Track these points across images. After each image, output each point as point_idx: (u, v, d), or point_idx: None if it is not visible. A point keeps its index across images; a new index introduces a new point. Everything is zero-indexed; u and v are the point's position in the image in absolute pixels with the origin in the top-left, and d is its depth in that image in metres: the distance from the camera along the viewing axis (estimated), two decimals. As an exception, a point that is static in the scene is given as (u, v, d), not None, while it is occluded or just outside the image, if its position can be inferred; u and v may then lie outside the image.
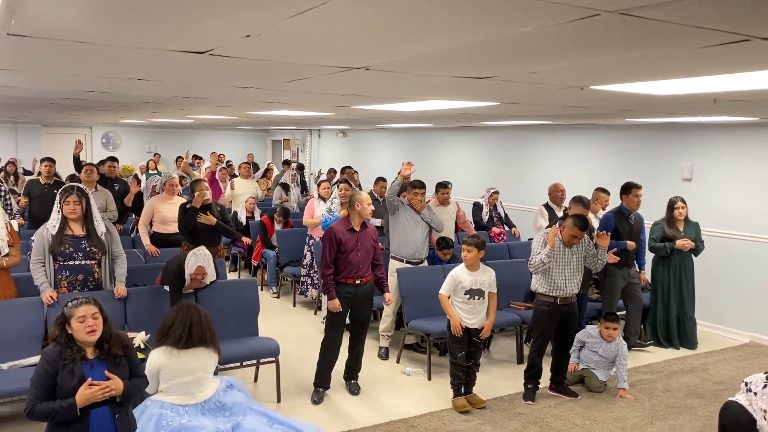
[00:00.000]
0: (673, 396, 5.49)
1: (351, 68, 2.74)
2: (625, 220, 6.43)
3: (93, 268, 4.82)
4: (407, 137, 13.09)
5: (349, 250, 5.03)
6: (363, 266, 5.10)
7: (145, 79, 3.48)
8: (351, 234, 5.06)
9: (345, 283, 5.09)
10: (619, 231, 6.37)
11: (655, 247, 6.65)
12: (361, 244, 5.07)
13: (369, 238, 5.14)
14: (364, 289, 5.15)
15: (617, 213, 6.48)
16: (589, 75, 2.89)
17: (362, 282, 5.11)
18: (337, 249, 5.02)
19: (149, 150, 17.04)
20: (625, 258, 6.37)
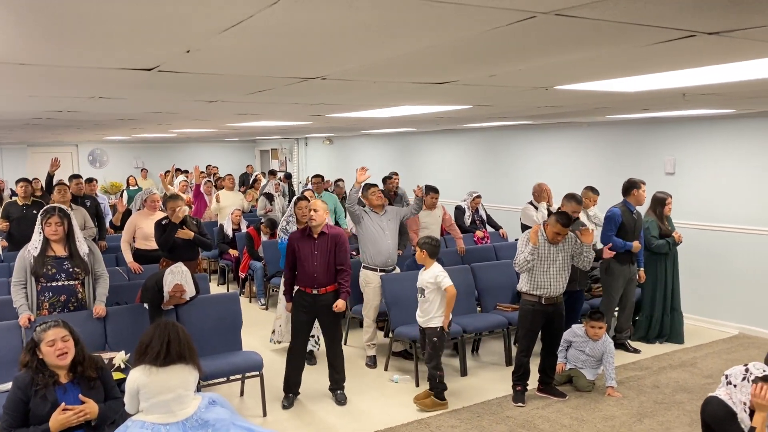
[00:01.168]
0: (661, 392, 5.47)
1: (306, 78, 2.71)
2: (631, 215, 6.40)
3: (76, 289, 4.79)
4: (393, 142, 13.08)
5: (303, 258, 5.04)
6: (321, 275, 5.03)
7: (107, 97, 3.45)
8: (307, 240, 5.06)
9: (303, 292, 5.09)
10: (626, 226, 6.33)
11: (658, 244, 6.59)
12: (318, 252, 5.02)
13: (328, 245, 5.06)
14: (324, 299, 5.07)
15: (625, 210, 6.41)
16: (548, 76, 2.87)
17: (321, 292, 5.05)
18: (295, 256, 5.09)
19: (137, 166, 17.00)
20: (628, 255, 6.35)
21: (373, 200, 6.18)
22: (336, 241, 5.12)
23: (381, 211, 6.17)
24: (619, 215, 6.36)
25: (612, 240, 6.29)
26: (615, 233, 6.31)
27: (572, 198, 6.09)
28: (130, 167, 16.96)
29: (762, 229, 6.93)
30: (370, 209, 6.18)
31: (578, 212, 6.15)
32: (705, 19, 1.74)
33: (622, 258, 6.30)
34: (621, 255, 6.25)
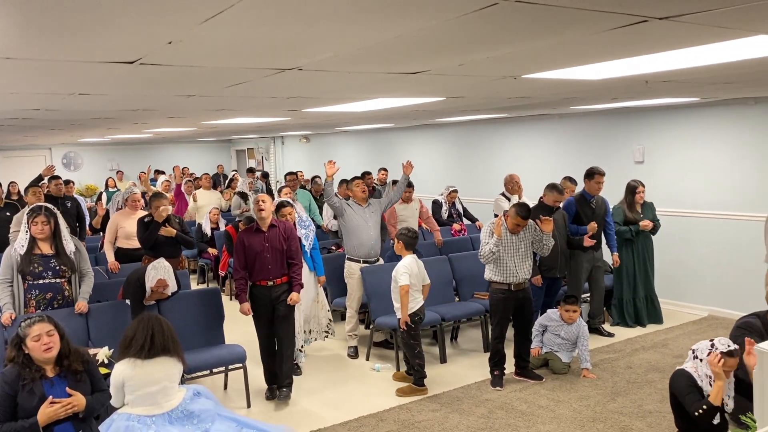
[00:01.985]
0: (634, 372, 5.65)
1: (284, 69, 2.80)
2: (587, 204, 6.60)
3: (63, 286, 4.86)
4: (369, 138, 13.18)
5: (256, 252, 5.08)
6: (274, 267, 5.11)
7: (86, 94, 3.50)
8: (257, 235, 5.12)
9: (260, 285, 5.14)
10: (581, 215, 6.53)
11: (620, 230, 6.82)
12: (269, 245, 5.09)
13: (278, 237, 5.14)
14: (279, 289, 5.14)
15: (579, 198, 6.64)
16: (515, 64, 3.00)
17: (276, 283, 5.12)
18: (246, 251, 5.10)
19: (112, 168, 16.87)
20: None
21: (357, 192, 6.30)
22: (287, 234, 5.21)
23: (364, 203, 6.29)
24: (573, 205, 6.58)
25: (569, 228, 6.49)
26: (571, 221, 6.51)
27: (554, 188, 6.26)
28: (105, 170, 16.83)
29: (730, 213, 7.16)
30: (354, 201, 6.29)
31: (560, 201, 6.32)
32: (655, 4, 1.87)
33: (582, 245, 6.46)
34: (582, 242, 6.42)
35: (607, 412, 4.86)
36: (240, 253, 5.12)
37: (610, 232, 6.79)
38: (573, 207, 6.56)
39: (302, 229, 5.87)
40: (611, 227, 6.78)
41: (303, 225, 5.93)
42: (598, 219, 6.59)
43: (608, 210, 6.78)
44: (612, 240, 6.80)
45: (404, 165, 6.70)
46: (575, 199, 6.63)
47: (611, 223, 6.78)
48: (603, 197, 6.76)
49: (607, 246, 6.83)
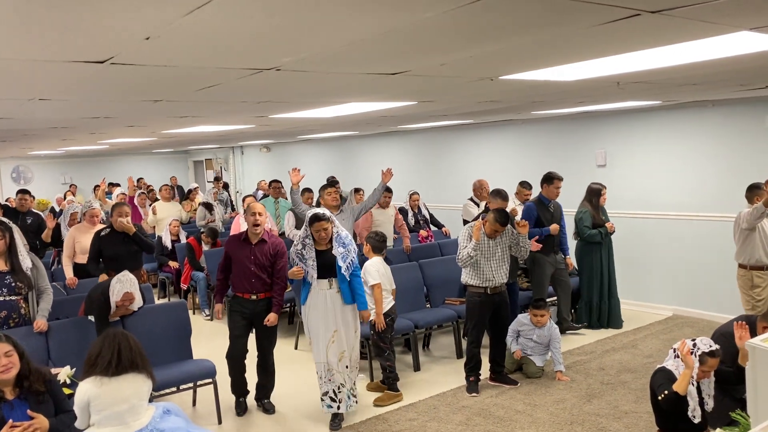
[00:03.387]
0: (607, 373, 5.68)
1: (261, 70, 2.70)
2: (545, 208, 6.67)
3: (19, 304, 4.65)
4: (332, 147, 13.09)
5: (240, 263, 4.98)
6: (257, 282, 4.97)
7: (47, 99, 3.32)
8: (244, 246, 5.00)
9: (241, 298, 5.01)
10: (542, 219, 6.60)
11: (591, 234, 6.86)
12: (254, 257, 4.96)
13: (266, 254, 5.01)
14: (263, 304, 5.02)
15: (538, 202, 6.71)
16: (496, 64, 2.97)
17: (260, 297, 5.00)
18: (231, 260, 5.06)
19: (65, 182, 16.33)
20: (550, 244, 6.60)
21: (328, 200, 6.22)
22: (276, 250, 5.08)
23: (336, 211, 6.19)
24: (533, 209, 6.66)
25: (531, 232, 6.52)
26: (533, 225, 6.55)
27: (498, 194, 6.26)
28: (57, 183, 16.27)
29: (689, 214, 7.31)
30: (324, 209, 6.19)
31: (505, 207, 6.34)
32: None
33: (544, 248, 6.51)
34: (544, 246, 6.46)
35: (584, 414, 4.86)
36: (225, 259, 5.11)
37: (563, 237, 6.88)
38: (534, 211, 6.62)
39: (340, 246, 4.76)
40: (564, 231, 6.88)
41: (341, 242, 4.77)
42: (556, 222, 6.67)
43: (562, 214, 6.87)
44: (565, 244, 6.89)
45: (384, 172, 6.65)
46: (535, 204, 6.69)
47: (564, 227, 6.87)
48: (558, 202, 6.84)
49: (560, 249, 6.88)
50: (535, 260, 6.62)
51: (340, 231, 4.81)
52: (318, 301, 4.76)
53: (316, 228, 4.66)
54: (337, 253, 4.71)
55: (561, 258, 6.84)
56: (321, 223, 4.68)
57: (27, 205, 7.68)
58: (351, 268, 4.73)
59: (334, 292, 4.73)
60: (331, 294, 4.73)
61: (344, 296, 4.74)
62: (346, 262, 4.72)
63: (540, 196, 6.75)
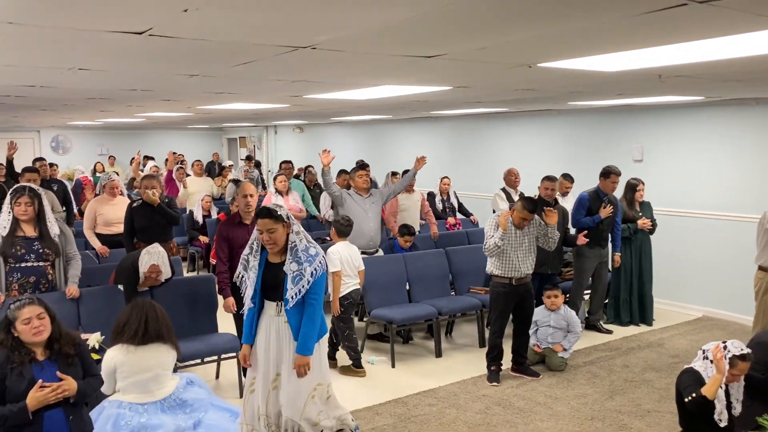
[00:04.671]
0: (631, 371, 5.61)
1: (297, 47, 2.70)
2: (600, 201, 6.57)
3: (46, 270, 4.71)
4: (364, 130, 13.07)
5: (240, 245, 4.58)
6: None
7: (86, 69, 3.36)
8: (240, 228, 4.88)
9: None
10: (593, 211, 6.52)
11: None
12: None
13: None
14: None
15: (593, 194, 6.63)
16: (535, 50, 2.91)
17: None
18: (230, 245, 4.85)
19: (102, 152, 16.63)
20: (597, 238, 6.49)
21: (359, 183, 6.22)
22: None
23: (365, 194, 6.19)
24: (586, 199, 6.58)
25: (581, 222, 6.46)
26: (584, 216, 6.49)
27: (546, 178, 6.32)
28: (95, 154, 16.57)
29: (728, 214, 7.14)
30: (354, 191, 6.20)
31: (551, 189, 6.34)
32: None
33: (591, 241, 6.44)
34: (590, 238, 6.39)
35: (605, 410, 4.81)
36: (223, 246, 4.88)
37: (617, 232, 6.76)
38: (586, 201, 6.58)
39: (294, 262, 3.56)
40: (618, 227, 6.75)
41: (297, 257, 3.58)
42: (610, 217, 6.56)
43: (619, 210, 6.74)
44: (617, 240, 6.78)
45: (417, 159, 6.60)
46: (589, 195, 6.61)
47: (619, 223, 6.75)
48: (616, 197, 6.73)
49: (611, 245, 6.79)
50: (579, 252, 6.57)
51: (301, 242, 3.60)
52: (261, 332, 3.71)
53: (259, 227, 3.55)
54: (288, 270, 3.52)
55: (605, 252, 6.75)
56: (265, 221, 3.50)
57: (49, 173, 7.80)
58: (298, 297, 3.51)
59: (282, 321, 3.65)
60: (279, 323, 3.66)
61: (292, 329, 3.60)
62: (297, 287, 3.50)
63: (597, 189, 6.67)
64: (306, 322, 3.56)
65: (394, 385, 5.29)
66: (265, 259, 3.68)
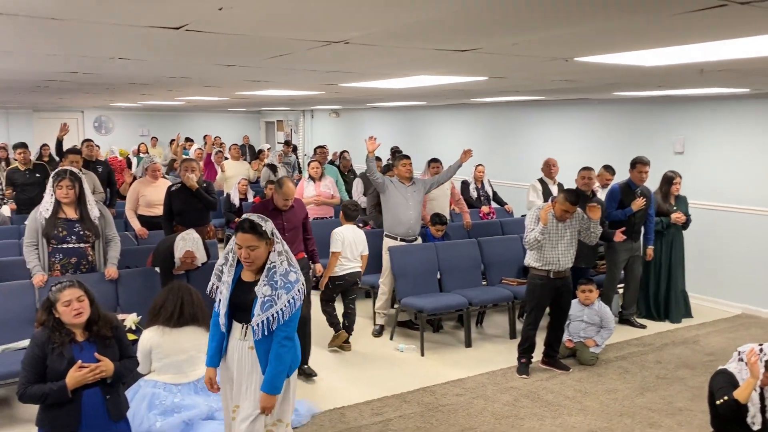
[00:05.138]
0: (664, 368, 5.54)
1: (330, 42, 2.71)
2: (631, 193, 6.46)
3: (86, 251, 4.83)
4: (400, 116, 13.04)
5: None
6: (292, 245, 4.95)
7: (126, 59, 3.44)
8: (274, 213, 4.94)
9: None
10: (624, 203, 6.42)
11: None
12: (287, 222, 5.01)
13: (296, 216, 5.10)
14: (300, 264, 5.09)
15: (624, 186, 6.52)
16: (571, 46, 2.87)
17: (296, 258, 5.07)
18: None
19: (143, 134, 16.96)
20: (629, 231, 6.40)
21: (402, 172, 6.22)
22: (304, 211, 5.23)
23: (408, 182, 6.21)
24: (617, 192, 6.48)
25: (612, 215, 6.36)
26: (615, 209, 6.39)
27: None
28: (135, 135, 16.92)
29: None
30: (397, 179, 6.21)
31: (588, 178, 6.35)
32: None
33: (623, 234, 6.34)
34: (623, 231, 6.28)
35: (636, 407, 4.76)
36: None
37: (650, 225, 6.64)
38: (618, 194, 6.47)
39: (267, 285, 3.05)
40: (652, 219, 6.63)
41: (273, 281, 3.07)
42: (642, 210, 6.44)
43: (652, 201, 6.61)
44: (650, 233, 6.65)
45: (464, 151, 6.56)
46: (620, 187, 6.51)
47: (653, 216, 6.63)
48: (648, 188, 6.60)
49: (644, 238, 6.68)
50: (611, 246, 6.48)
51: (281, 264, 3.11)
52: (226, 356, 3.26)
53: (239, 242, 3.06)
54: (259, 292, 3.04)
55: (638, 246, 6.64)
56: (246, 237, 3.03)
57: (94, 154, 7.96)
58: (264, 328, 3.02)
59: (247, 346, 3.16)
60: (243, 349, 3.18)
61: (260, 361, 3.12)
62: (266, 314, 3.00)
63: (628, 181, 6.56)
64: (272, 361, 3.06)
65: (423, 374, 5.32)
66: (238, 275, 3.19)
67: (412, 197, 6.17)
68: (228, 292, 3.16)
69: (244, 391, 3.18)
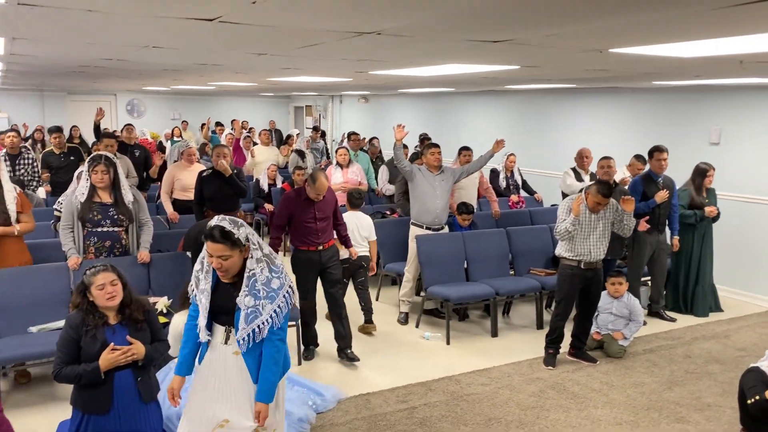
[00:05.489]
0: (693, 362, 5.47)
1: (362, 33, 2.70)
2: (653, 183, 6.35)
3: (120, 235, 4.92)
4: (429, 102, 12.96)
5: (306, 220, 5.04)
6: (323, 233, 5.12)
7: (159, 47, 3.48)
8: (306, 203, 5.04)
9: (307, 251, 5.13)
10: (647, 195, 6.31)
11: (684, 214, 6.55)
12: (319, 212, 5.07)
13: (328, 205, 5.17)
14: (328, 253, 5.19)
15: (645, 177, 6.42)
16: (606, 38, 2.82)
17: (325, 247, 5.15)
18: (293, 218, 5.09)
19: (174, 117, 17.15)
20: (653, 222, 6.30)
21: (431, 161, 6.18)
22: (335, 198, 5.29)
23: (436, 171, 6.18)
24: (638, 183, 6.39)
25: (636, 207, 6.24)
26: (638, 201, 6.26)
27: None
28: (167, 119, 17.12)
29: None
30: (426, 168, 6.19)
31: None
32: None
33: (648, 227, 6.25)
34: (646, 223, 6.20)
35: (663, 401, 4.72)
36: (283, 216, 5.12)
37: (674, 215, 6.53)
38: (639, 186, 6.36)
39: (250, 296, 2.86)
40: (676, 209, 6.52)
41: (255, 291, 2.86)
42: (666, 201, 6.33)
43: (675, 191, 6.50)
44: (675, 223, 6.55)
45: (497, 141, 6.48)
46: (641, 178, 6.41)
47: (676, 206, 6.52)
48: (671, 178, 6.48)
49: (669, 228, 6.57)
50: (635, 238, 6.38)
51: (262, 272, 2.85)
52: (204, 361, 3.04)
53: (209, 251, 2.86)
54: (242, 304, 2.84)
55: (663, 238, 6.54)
56: (217, 246, 2.79)
57: (133, 137, 8.10)
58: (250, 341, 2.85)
59: (231, 351, 2.94)
60: (226, 354, 2.95)
61: (250, 370, 2.93)
62: (251, 326, 2.82)
63: (649, 171, 6.46)
64: (268, 365, 2.88)
65: (448, 362, 5.34)
66: (216, 277, 2.99)
67: (440, 186, 6.15)
68: (207, 301, 2.93)
69: (233, 402, 2.91)
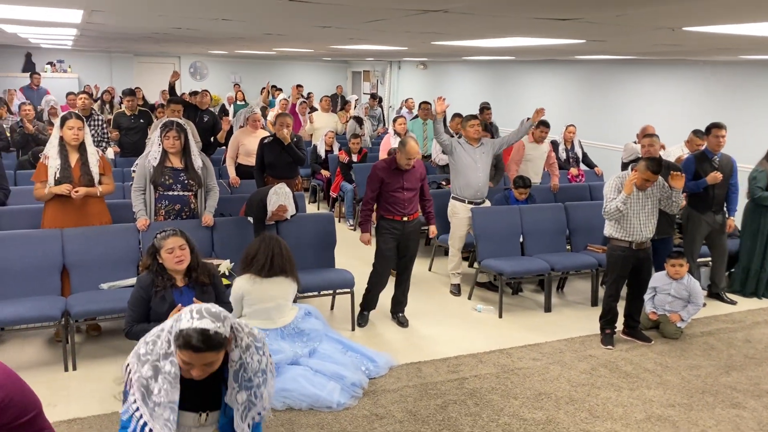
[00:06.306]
0: (753, 347, 5.34)
1: (428, 11, 2.70)
2: (707, 162, 6.13)
3: (189, 199, 5.11)
4: (489, 70, 12.75)
5: (394, 189, 5.17)
6: (409, 204, 5.23)
7: (228, 20, 3.56)
8: (396, 173, 5.16)
9: (392, 220, 5.24)
10: (700, 174, 6.10)
11: (762, 196, 6.27)
12: (407, 182, 5.17)
13: (416, 176, 5.25)
14: (411, 225, 5.29)
15: (700, 155, 6.19)
16: (681, 17, 2.73)
17: (409, 219, 5.26)
18: (381, 187, 5.19)
19: (234, 80, 17.42)
20: (708, 202, 6.11)
21: (470, 133, 6.13)
22: (423, 172, 5.33)
23: (476, 144, 6.14)
24: (691, 162, 6.16)
25: (687, 186, 6.04)
26: (691, 179, 6.07)
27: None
28: (227, 81, 17.41)
29: None
30: (465, 141, 6.15)
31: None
32: None
33: (701, 206, 6.07)
34: (700, 203, 6.01)
35: (719, 385, 4.65)
36: (374, 186, 5.23)
37: (733, 195, 6.28)
38: (692, 165, 6.13)
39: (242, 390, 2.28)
40: (735, 189, 6.27)
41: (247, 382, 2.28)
42: (723, 179, 6.09)
43: (735, 170, 6.24)
44: (733, 203, 6.30)
45: (537, 110, 6.39)
46: (695, 157, 6.18)
47: (736, 185, 6.26)
48: (730, 156, 6.23)
49: (726, 208, 6.33)
50: (690, 217, 6.21)
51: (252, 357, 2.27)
52: None
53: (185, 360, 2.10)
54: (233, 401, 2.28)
55: (720, 218, 6.33)
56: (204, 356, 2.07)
57: (206, 104, 8.33)
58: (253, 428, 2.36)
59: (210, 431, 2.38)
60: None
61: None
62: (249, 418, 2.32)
63: (704, 149, 6.23)
64: None
65: (500, 336, 5.37)
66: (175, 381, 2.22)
67: (480, 159, 6.10)
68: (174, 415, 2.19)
69: None
